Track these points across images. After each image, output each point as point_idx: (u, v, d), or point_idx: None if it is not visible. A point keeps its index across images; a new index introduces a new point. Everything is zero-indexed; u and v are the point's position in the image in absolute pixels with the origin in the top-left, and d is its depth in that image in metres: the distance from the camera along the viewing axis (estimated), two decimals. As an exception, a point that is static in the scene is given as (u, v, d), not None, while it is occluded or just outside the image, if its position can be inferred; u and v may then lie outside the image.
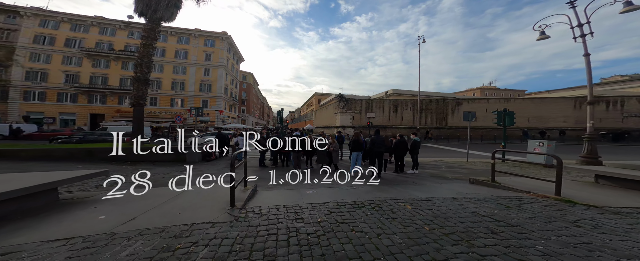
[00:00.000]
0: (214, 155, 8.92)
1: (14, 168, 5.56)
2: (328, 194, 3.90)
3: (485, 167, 7.07)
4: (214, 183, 3.43)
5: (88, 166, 6.28)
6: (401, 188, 4.43)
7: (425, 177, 5.67)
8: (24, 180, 2.43)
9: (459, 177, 5.65)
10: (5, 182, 2.38)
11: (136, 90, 8.70)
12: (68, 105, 26.92)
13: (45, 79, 26.12)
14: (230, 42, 35.37)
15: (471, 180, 4.76)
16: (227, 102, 35.03)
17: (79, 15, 27.55)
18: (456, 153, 11.88)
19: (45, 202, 2.59)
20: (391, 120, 27.35)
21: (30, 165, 6.01)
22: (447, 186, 4.55)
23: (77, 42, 27.30)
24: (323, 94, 63.58)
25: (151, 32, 8.65)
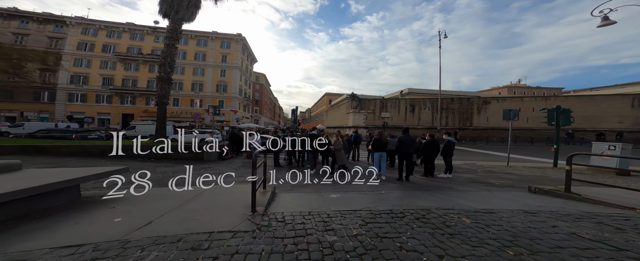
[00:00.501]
0: (229, 154, 8.97)
1: (53, 163, 5.93)
2: (354, 199, 3.47)
3: (533, 173, 6.06)
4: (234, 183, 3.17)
5: (116, 162, 6.55)
6: (441, 195, 3.82)
7: (464, 183, 4.94)
8: (44, 177, 2.34)
9: (507, 184, 4.83)
10: (27, 178, 2.30)
11: (160, 89, 9.04)
12: (104, 105, 29.66)
13: (86, 82, 29.06)
14: (245, 43, 36.36)
15: (533, 189, 3.96)
16: (241, 102, 36.08)
17: (113, 23, 30.27)
18: (489, 157, 10.66)
19: (67, 200, 2.50)
20: (408, 120, 25.92)
21: (68, 160, 6.39)
22: (501, 195, 3.84)
23: (112, 47, 29.99)
24: (334, 94, 62.94)
25: (173, 32, 8.95)
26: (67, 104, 28.63)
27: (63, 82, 28.26)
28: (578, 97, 24.91)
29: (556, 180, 4.87)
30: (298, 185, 4.51)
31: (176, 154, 7.86)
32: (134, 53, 30.74)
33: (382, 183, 4.81)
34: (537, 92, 48.99)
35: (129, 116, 29.96)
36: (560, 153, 6.46)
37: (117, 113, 29.95)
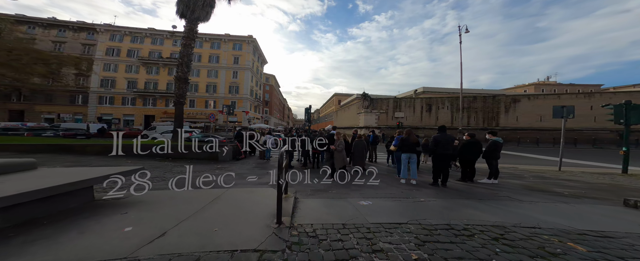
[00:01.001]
0: (243, 154, 8.81)
1: (77, 162, 6.05)
2: (391, 208, 2.96)
3: (600, 180, 5.09)
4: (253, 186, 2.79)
5: (135, 161, 6.60)
6: (500, 206, 3.15)
7: (519, 190, 4.18)
8: (55, 177, 2.11)
9: (580, 194, 4.01)
10: (39, 178, 2.08)
11: (177, 89, 9.16)
12: (129, 107, 31.69)
13: (113, 86, 31.28)
14: (255, 45, 36.92)
15: (631, 203, 3.13)
16: (252, 103, 36.69)
17: (136, 29, 32.33)
18: (526, 160, 9.48)
19: (79, 203, 2.26)
20: (424, 120, 24.51)
21: (92, 158, 6.54)
22: (589, 209, 3.09)
23: (136, 52, 32.01)
24: (343, 94, 62.21)
25: (190, 32, 9.07)
26: (98, 106, 30.96)
27: (94, 86, 30.63)
28: (629, 93, 21.76)
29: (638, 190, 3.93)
30: (317, 189, 4.12)
31: (191, 154, 7.79)
32: (155, 57, 32.55)
33: (415, 188, 4.21)
34: (570, 89, 44.23)
35: (150, 117, 31.70)
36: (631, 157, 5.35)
37: (140, 115, 31.82)
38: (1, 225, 1.73)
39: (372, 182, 4.96)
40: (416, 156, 4.82)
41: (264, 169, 6.53)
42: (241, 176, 5.31)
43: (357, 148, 6.67)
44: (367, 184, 4.68)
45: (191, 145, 3.71)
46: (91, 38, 31.23)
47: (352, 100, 46.24)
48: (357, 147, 6.66)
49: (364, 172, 6.63)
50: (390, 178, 5.45)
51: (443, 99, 24.62)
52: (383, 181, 5.06)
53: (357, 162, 6.61)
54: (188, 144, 8.23)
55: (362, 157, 6.71)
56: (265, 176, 5.34)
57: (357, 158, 6.62)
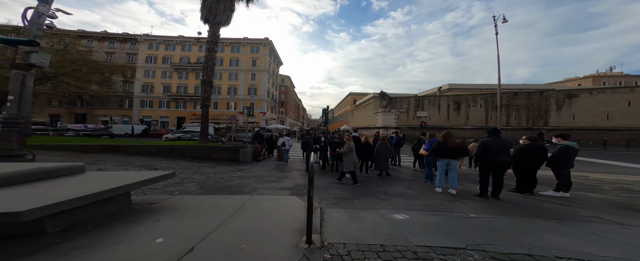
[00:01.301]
0: (262, 155, 8.93)
1: (123, 162, 6.73)
2: (434, 225, 2.53)
3: None
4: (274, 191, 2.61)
5: (168, 161, 7.13)
6: (592, 230, 2.45)
7: (605, 208, 3.34)
8: (100, 183, 2.19)
9: None
10: (86, 184, 2.17)
11: (203, 92, 9.71)
12: (164, 110, 35.34)
13: (152, 90, 35.17)
14: (271, 47, 37.76)
15: None
16: (269, 104, 37.81)
17: (169, 37, 35.75)
18: (597, 166, 7.81)
19: (118, 207, 2.33)
20: (451, 119, 22.24)
21: (133, 158, 7.26)
22: None
23: (169, 58, 35.44)
24: (358, 94, 60.48)
25: (213, 37, 9.55)
26: (141, 109, 35.13)
27: (137, 91, 34.80)
28: None
29: None
30: (340, 196, 3.81)
31: (216, 155, 8.19)
32: (184, 63, 35.61)
33: (458, 200, 3.62)
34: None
35: (181, 119, 34.93)
36: None
37: (173, 117, 35.24)
38: (50, 229, 1.80)
39: (400, 189, 4.49)
40: (456, 162, 4.18)
41: (282, 172, 6.46)
42: (261, 179, 5.29)
43: (380, 151, 6.17)
44: (396, 192, 4.23)
45: (215, 145, 3.74)
46: (134, 48, 35.48)
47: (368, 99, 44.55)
48: (380, 150, 6.16)
49: (388, 177, 6.16)
50: (421, 185, 4.88)
51: (475, 96, 21.99)
52: (413, 188, 4.54)
53: (380, 166, 6.12)
54: (213, 145, 8.75)
55: (385, 160, 6.20)
56: (285, 180, 5.25)
57: (380, 162, 6.12)
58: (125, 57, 34.89)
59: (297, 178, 5.47)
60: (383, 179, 5.67)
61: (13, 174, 2.07)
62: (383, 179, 5.67)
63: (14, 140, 4.85)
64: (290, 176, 5.78)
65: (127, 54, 35.20)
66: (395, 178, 5.81)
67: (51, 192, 1.88)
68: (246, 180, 5.06)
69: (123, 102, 34.97)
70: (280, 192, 4.12)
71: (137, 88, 34.82)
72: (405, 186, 4.78)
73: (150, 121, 33.58)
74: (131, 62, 34.65)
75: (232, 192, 4.06)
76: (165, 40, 35.96)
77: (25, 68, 5.01)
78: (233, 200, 2.95)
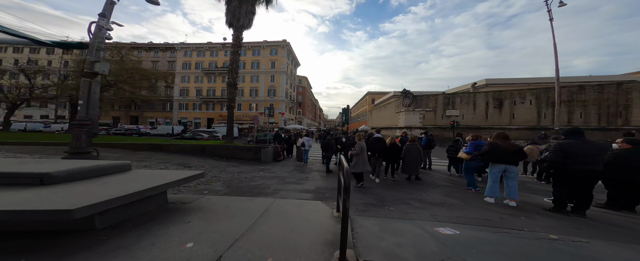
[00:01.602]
0: (282, 155, 9.06)
1: (164, 160, 7.50)
2: (500, 244, 2.07)
3: None
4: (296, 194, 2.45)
5: (200, 159, 7.75)
6: None
7: None
8: (143, 181, 2.35)
9: None
10: (131, 182, 2.36)
11: (229, 94, 10.39)
12: (197, 112, 39.21)
13: (188, 94, 39.36)
14: (289, 48, 38.62)
15: None
16: (287, 105, 38.84)
17: (199, 44, 39.43)
18: None
19: (157, 205, 2.47)
20: (491, 118, 19.46)
21: (173, 156, 8.08)
22: None
23: (201, 64, 39.15)
24: (377, 93, 58.04)
25: (237, 40, 10.22)
26: (179, 112, 39.62)
27: (176, 95, 39.36)
28: None
29: None
30: (368, 202, 3.51)
31: (241, 154, 8.58)
32: (213, 67, 38.90)
33: (523, 214, 2.98)
34: None
35: (211, 120, 38.31)
36: None
37: (204, 118, 38.85)
38: (99, 225, 1.94)
39: (438, 196, 3.97)
40: (516, 168, 3.47)
41: (302, 173, 6.40)
42: (283, 180, 5.29)
43: (409, 152, 5.63)
44: (433, 200, 3.73)
45: (239, 145, 3.81)
46: (173, 56, 40.15)
47: (388, 98, 42.29)
48: (410, 152, 5.62)
49: (418, 181, 5.57)
50: (463, 193, 4.26)
51: (522, 92, 18.83)
52: (454, 197, 3.96)
53: (409, 169, 5.58)
54: (237, 144, 9.06)
55: (416, 163, 5.64)
56: (306, 182, 5.15)
57: (409, 165, 5.58)
58: (167, 64, 39.73)
59: (318, 181, 5.33)
60: (413, 184, 5.16)
61: (75, 171, 2.34)
62: (413, 184, 5.16)
63: (84, 139, 5.77)
64: (311, 178, 5.68)
65: (168, 61, 40.04)
66: (428, 184, 5.23)
67: (103, 190, 2.04)
68: (268, 181, 5.12)
69: (165, 105, 39.90)
70: (303, 195, 4.01)
71: (176, 92, 39.36)
72: (443, 193, 4.22)
73: (186, 122, 37.64)
74: (171, 69, 39.28)
75: (256, 193, 4.10)
76: (197, 47, 39.82)
77: (91, 76, 5.93)
78: (258, 203, 2.92)
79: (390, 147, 5.90)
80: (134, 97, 24.23)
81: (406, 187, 4.84)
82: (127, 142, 9.53)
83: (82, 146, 5.68)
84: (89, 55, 5.93)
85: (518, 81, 26.43)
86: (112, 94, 19.63)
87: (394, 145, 5.91)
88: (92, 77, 5.98)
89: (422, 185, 5.12)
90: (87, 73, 5.81)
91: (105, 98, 20.58)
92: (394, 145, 5.91)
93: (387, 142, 6.01)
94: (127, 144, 8.94)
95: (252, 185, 4.66)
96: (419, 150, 5.66)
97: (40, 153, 6.68)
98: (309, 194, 4.09)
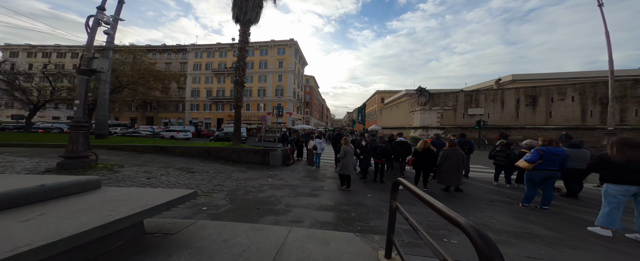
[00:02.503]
0: (291, 159, 8.30)
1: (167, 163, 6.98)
2: None
3: None
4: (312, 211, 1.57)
5: (205, 162, 7.15)
6: None
7: None
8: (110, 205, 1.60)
9: None
10: (95, 206, 1.62)
11: (236, 93, 9.84)
12: (207, 112, 39.79)
13: (198, 95, 40.08)
14: (296, 47, 38.09)
15: None
16: (295, 105, 38.33)
17: (209, 45, 39.94)
18: None
19: (127, 240, 1.74)
20: (522, 117, 17.45)
21: (177, 159, 7.47)
22: None
23: (211, 65, 39.67)
24: (386, 92, 56.28)
25: (244, 35, 9.65)
26: (190, 112, 40.48)
27: (188, 96, 40.24)
28: None
29: None
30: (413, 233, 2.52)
31: (248, 157, 7.90)
32: (222, 68, 39.27)
33: None
34: None
35: (220, 120, 38.71)
36: None
37: (214, 118, 39.35)
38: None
39: (507, 219, 2.95)
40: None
41: (316, 180, 5.57)
42: (294, 190, 4.44)
43: (449, 159, 4.62)
44: (506, 226, 2.72)
45: (246, 148, 3.04)
46: (185, 57, 41.08)
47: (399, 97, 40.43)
48: (450, 158, 4.60)
49: (459, 193, 4.54)
50: (537, 214, 3.23)
51: (562, 87, 16.64)
52: (531, 220, 2.94)
53: (448, 179, 4.55)
54: (245, 147, 8.23)
55: (457, 172, 4.64)
56: (322, 193, 4.28)
57: (449, 174, 4.57)
58: (179, 66, 40.71)
59: (336, 192, 4.48)
60: (458, 199, 4.15)
61: (17, 194, 1.65)
62: (458, 199, 4.15)
63: (81, 142, 5.33)
64: (327, 187, 4.83)
65: (180, 63, 41.02)
66: (475, 198, 4.21)
67: (23, 229, 1.32)
68: (278, 192, 4.33)
69: (178, 105, 40.93)
70: (323, 215, 3.17)
71: (187, 93, 40.22)
72: (510, 214, 3.21)
73: (197, 122, 38.32)
74: (183, 71, 40.20)
75: (264, 211, 3.33)
76: (207, 48, 40.41)
77: (88, 73, 5.51)
78: (267, 235, 2.11)
79: (423, 152, 4.92)
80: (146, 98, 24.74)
81: (450, 202, 3.87)
82: (134, 143, 9.22)
83: (79, 150, 5.23)
84: (86, 51, 5.52)
85: (551, 76, 23.78)
86: (126, 95, 20.01)
87: (428, 150, 4.91)
88: (89, 74, 5.55)
89: (469, 199, 4.11)
90: (84, 71, 5.38)
91: (120, 100, 21.13)
92: (428, 150, 4.91)
93: (419, 147, 5.04)
94: (133, 146, 8.61)
95: (259, 198, 3.90)
96: (462, 156, 4.63)
97: (41, 156, 6.37)
98: (329, 213, 3.25)
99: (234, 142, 9.35)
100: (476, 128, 15.28)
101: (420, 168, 4.97)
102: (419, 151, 4.95)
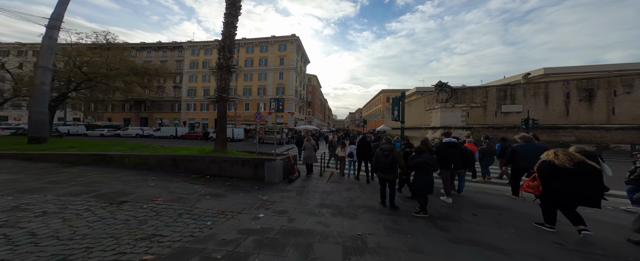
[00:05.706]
0: (296, 172, 5.59)
1: (94, 182, 4.33)
2: None
3: None
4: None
5: (164, 180, 4.44)
6: None
7: None
8: None
9: None
10: None
11: (219, 81, 7.21)
12: (205, 112, 37.44)
13: (195, 94, 37.81)
14: (298, 43, 35.77)
15: None
16: (297, 104, 35.81)
17: (207, 42, 37.72)
18: None
19: None
20: (574, 114, 14.47)
21: (121, 174, 4.99)
22: None
23: (208, 62, 37.44)
24: (392, 90, 53.71)
25: (232, 7, 6.87)
26: (186, 112, 38.17)
27: (184, 96, 37.98)
28: None
29: None
30: None
31: (233, 170, 5.14)
32: (221, 66, 36.99)
33: None
34: None
35: (218, 120, 36.34)
36: None
37: (211, 119, 36.93)
38: None
39: None
40: None
41: (338, 215, 2.78)
42: (311, 247, 1.76)
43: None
44: None
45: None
46: (181, 55, 38.94)
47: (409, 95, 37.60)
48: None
49: None
50: None
51: (628, 78, 13.56)
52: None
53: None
54: (230, 155, 4.45)
55: None
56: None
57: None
58: (175, 64, 38.56)
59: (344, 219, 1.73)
60: None
61: None
62: None
63: None
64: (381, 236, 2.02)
65: (176, 61, 38.87)
66: None
67: None
68: (276, 257, 1.57)
69: (174, 105, 38.66)
70: None
71: (183, 92, 37.97)
72: None
73: (193, 123, 35.94)
74: (179, 69, 38.02)
75: None
76: (204, 45, 38.22)
77: None
78: None
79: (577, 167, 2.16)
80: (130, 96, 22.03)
81: None
82: (68, 151, 6.55)
83: None
84: None
85: (593, 69, 20.79)
86: (98, 91, 17.14)
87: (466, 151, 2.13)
88: None
89: None
90: None
91: (111, 100, 18.51)
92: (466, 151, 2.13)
93: (562, 159, 2.30)
94: (63, 155, 6.00)
95: None
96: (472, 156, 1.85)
97: None
98: None
99: (216, 147, 6.67)
100: (522, 128, 12.39)
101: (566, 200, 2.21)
102: (563, 167, 2.21)
